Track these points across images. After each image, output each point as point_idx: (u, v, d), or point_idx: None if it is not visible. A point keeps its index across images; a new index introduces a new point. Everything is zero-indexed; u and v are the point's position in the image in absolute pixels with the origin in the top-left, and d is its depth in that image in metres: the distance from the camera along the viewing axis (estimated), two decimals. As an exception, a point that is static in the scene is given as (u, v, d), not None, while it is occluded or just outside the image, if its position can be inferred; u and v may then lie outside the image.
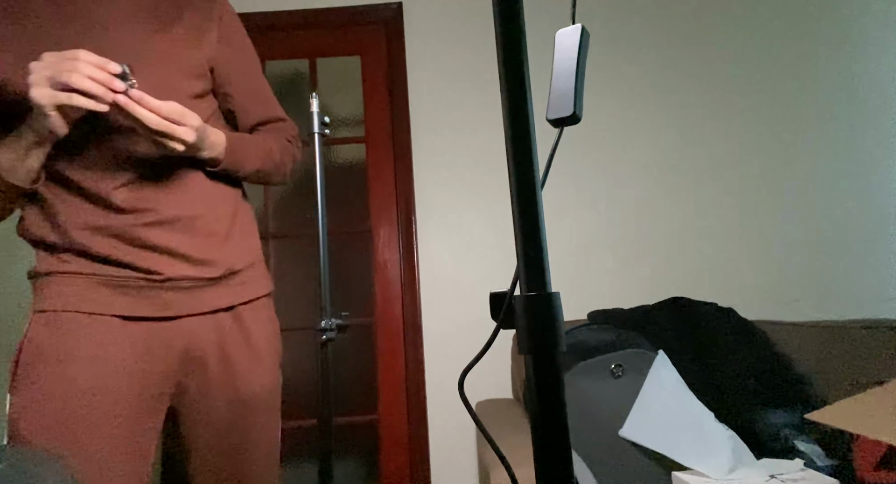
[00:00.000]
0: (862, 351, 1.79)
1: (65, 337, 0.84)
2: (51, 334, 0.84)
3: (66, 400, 0.82)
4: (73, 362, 0.83)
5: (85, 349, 0.84)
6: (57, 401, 0.81)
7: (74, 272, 0.88)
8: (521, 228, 0.47)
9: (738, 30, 2.20)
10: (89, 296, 0.87)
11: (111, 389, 0.85)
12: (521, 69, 0.48)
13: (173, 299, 0.92)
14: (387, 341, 2.10)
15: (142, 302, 0.89)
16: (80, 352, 0.84)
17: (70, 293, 0.87)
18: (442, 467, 2.00)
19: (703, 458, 1.32)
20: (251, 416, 0.99)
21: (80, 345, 0.84)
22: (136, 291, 0.89)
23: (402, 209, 2.12)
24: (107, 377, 0.85)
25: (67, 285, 0.87)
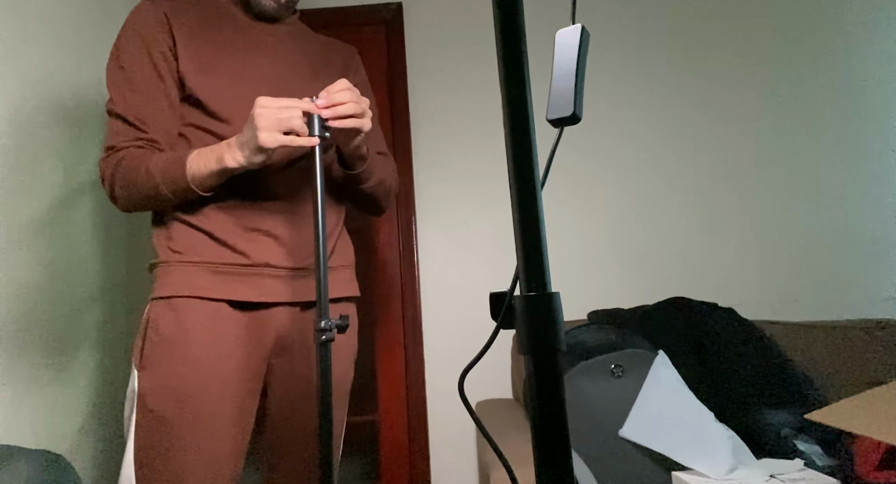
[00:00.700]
0: (862, 351, 1.79)
1: (183, 321, 0.95)
2: (171, 318, 0.96)
3: (186, 379, 0.93)
4: (191, 345, 0.95)
5: (200, 333, 0.95)
6: (178, 379, 0.93)
7: (187, 261, 0.99)
8: (521, 228, 0.47)
9: (740, 29, 2.20)
10: (200, 283, 0.98)
11: (222, 370, 0.96)
12: (521, 69, 0.48)
13: (271, 286, 1.02)
14: (387, 341, 2.10)
15: (244, 287, 1.00)
16: (195, 335, 0.95)
17: (183, 281, 0.97)
18: (442, 467, 2.00)
19: (703, 458, 1.32)
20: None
21: (196, 329, 0.95)
22: (239, 277, 1.00)
23: (402, 209, 2.12)
24: (218, 359, 0.96)
25: (182, 273, 0.98)
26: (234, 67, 1.06)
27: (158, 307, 0.97)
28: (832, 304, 2.07)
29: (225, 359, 0.97)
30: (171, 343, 0.94)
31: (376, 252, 2.14)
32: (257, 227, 1.03)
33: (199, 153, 0.96)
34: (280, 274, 1.04)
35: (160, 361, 0.94)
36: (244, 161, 0.93)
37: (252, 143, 0.90)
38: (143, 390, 0.93)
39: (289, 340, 1.06)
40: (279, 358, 1.06)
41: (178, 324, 0.95)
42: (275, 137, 0.89)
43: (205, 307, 0.97)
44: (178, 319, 0.95)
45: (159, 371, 0.93)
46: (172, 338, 0.94)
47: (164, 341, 0.95)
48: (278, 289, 1.03)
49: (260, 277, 1.02)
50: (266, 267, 1.02)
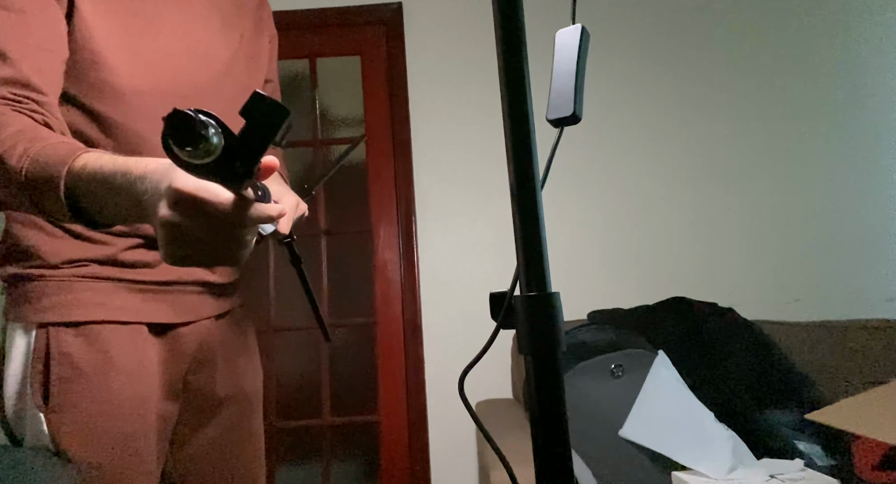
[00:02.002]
0: (862, 351, 1.79)
1: (104, 349, 0.80)
2: (87, 348, 0.79)
3: (113, 416, 0.80)
4: (115, 375, 0.80)
5: (124, 360, 0.81)
6: (105, 417, 0.79)
7: (98, 276, 0.81)
8: (521, 228, 0.47)
9: (740, 29, 2.20)
10: (120, 304, 0.82)
11: (147, 399, 0.84)
12: (521, 69, 0.48)
13: (189, 303, 0.91)
14: (387, 341, 2.10)
15: (166, 308, 0.87)
16: (120, 364, 0.81)
17: (100, 302, 0.81)
18: (442, 467, 2.00)
19: (703, 458, 1.32)
20: (252, 414, 1.01)
21: (120, 356, 0.81)
22: (161, 296, 0.87)
23: (402, 209, 2.12)
24: (143, 387, 0.83)
25: (95, 292, 0.81)
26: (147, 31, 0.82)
27: (64, 335, 0.78)
28: (832, 304, 2.06)
29: (150, 388, 0.84)
30: (91, 378, 0.78)
31: (376, 252, 2.14)
32: None
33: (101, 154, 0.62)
34: (198, 289, 0.92)
35: (80, 401, 0.78)
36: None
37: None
38: (62, 436, 0.77)
39: (209, 353, 0.95)
40: (196, 374, 0.94)
41: (99, 355, 0.79)
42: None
43: (127, 333, 0.82)
44: (99, 350, 0.79)
45: (81, 412, 0.78)
46: (93, 372, 0.78)
47: (81, 376, 0.78)
48: (198, 305, 0.92)
49: (179, 294, 0.89)
50: (186, 284, 0.89)
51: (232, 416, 0.97)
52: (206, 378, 0.95)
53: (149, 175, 0.54)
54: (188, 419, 0.94)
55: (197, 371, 0.94)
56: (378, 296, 2.12)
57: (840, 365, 1.77)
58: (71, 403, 0.78)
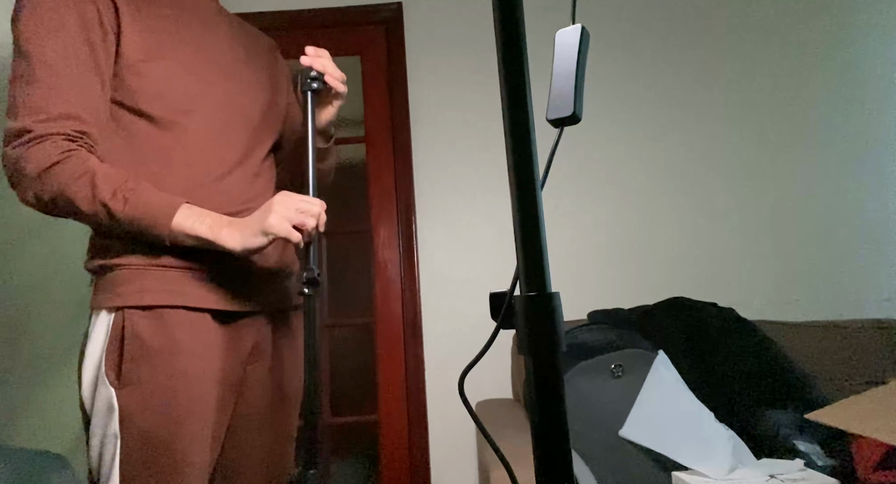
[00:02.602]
0: (862, 351, 1.79)
1: (171, 331, 0.88)
2: (157, 329, 0.88)
3: (178, 393, 0.87)
4: (180, 356, 0.88)
5: (189, 342, 0.89)
6: (172, 395, 0.87)
7: (168, 266, 0.91)
8: (521, 228, 0.47)
9: (741, 30, 2.20)
10: (188, 291, 0.91)
11: (208, 381, 0.91)
12: (521, 69, 0.48)
13: (251, 294, 0.98)
14: (387, 341, 2.10)
15: (228, 296, 0.95)
16: (185, 345, 0.89)
17: (169, 289, 0.90)
18: (442, 467, 2.00)
19: (703, 458, 1.32)
20: (291, 412, 1.09)
21: (185, 338, 0.89)
22: (223, 285, 0.95)
23: (402, 209, 2.12)
24: (205, 369, 0.91)
25: (165, 280, 0.90)
26: (181, 46, 0.97)
27: (138, 318, 0.88)
28: (832, 304, 2.07)
29: (211, 370, 0.92)
30: (159, 357, 0.87)
31: (376, 252, 2.14)
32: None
33: (192, 210, 0.88)
34: (261, 280, 1.00)
35: (148, 377, 0.86)
36: (240, 244, 0.87)
37: (257, 225, 0.87)
38: (130, 410, 0.85)
39: (263, 346, 1.03)
40: (252, 366, 1.02)
41: (166, 336, 0.88)
42: (285, 226, 0.87)
43: (192, 318, 0.91)
44: (166, 332, 0.88)
45: (149, 388, 0.86)
46: (161, 351, 0.87)
47: (151, 355, 0.87)
48: (259, 296, 1.00)
49: (243, 284, 0.97)
50: (250, 274, 0.98)
51: (273, 412, 1.04)
52: (260, 371, 1.03)
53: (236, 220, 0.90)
54: (241, 409, 1.01)
55: (252, 362, 1.02)
56: (378, 296, 2.12)
57: (840, 365, 1.78)
58: (140, 380, 0.86)
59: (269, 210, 0.87)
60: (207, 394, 0.90)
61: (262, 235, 0.87)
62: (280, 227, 0.86)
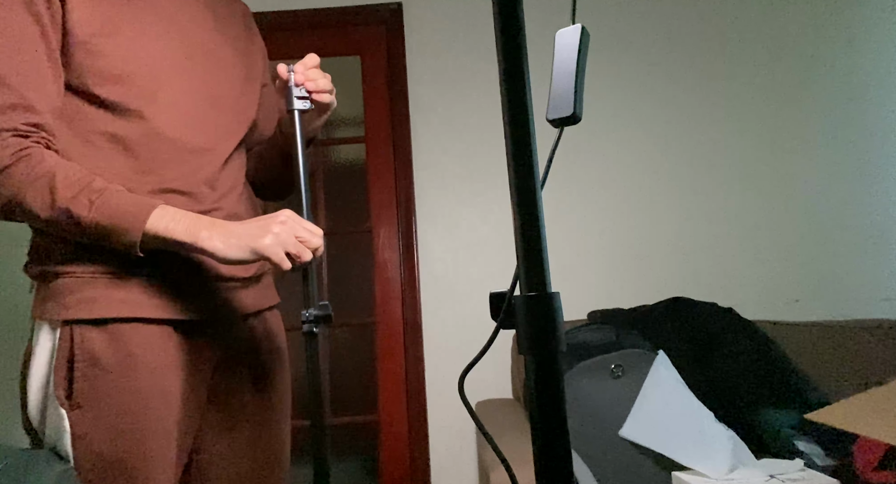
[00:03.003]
0: (862, 351, 1.79)
1: (128, 347, 0.80)
2: (111, 345, 0.79)
3: (138, 413, 0.80)
4: (139, 373, 0.80)
5: (149, 358, 0.81)
6: (129, 415, 0.79)
7: (116, 273, 0.81)
8: (521, 228, 0.47)
9: (741, 29, 2.19)
10: (144, 301, 0.82)
11: (170, 396, 0.83)
12: (521, 69, 0.48)
13: (218, 300, 0.90)
14: (387, 341, 2.10)
15: (189, 305, 0.86)
16: (144, 362, 0.81)
17: (123, 299, 0.81)
18: (442, 467, 2.00)
19: (703, 458, 1.32)
20: (279, 420, 1.00)
21: (144, 354, 0.81)
22: (184, 293, 0.86)
23: (402, 209, 2.12)
24: (167, 385, 0.83)
25: (119, 289, 0.81)
26: (139, 19, 0.85)
27: (88, 332, 0.79)
28: (832, 304, 2.06)
29: (173, 386, 0.84)
30: (115, 376, 0.79)
31: (376, 252, 2.14)
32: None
33: (166, 211, 0.77)
34: (228, 285, 0.91)
35: (104, 398, 0.78)
36: (221, 251, 0.77)
37: (248, 241, 0.78)
38: (84, 431, 0.77)
39: (233, 354, 0.94)
40: (222, 375, 0.94)
41: (122, 353, 0.79)
42: (279, 252, 0.78)
43: (152, 331, 0.82)
44: (123, 348, 0.80)
45: (105, 410, 0.78)
46: (117, 369, 0.79)
47: (105, 374, 0.78)
48: (227, 302, 0.91)
49: (208, 290, 0.89)
50: (215, 280, 0.89)
51: (257, 420, 0.96)
52: (232, 380, 0.94)
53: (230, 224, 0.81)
54: (214, 422, 0.94)
55: (222, 372, 0.93)
56: (378, 296, 2.12)
57: (840, 365, 1.78)
58: (95, 401, 0.78)
59: (268, 230, 0.78)
60: (168, 411, 0.83)
61: (249, 253, 0.78)
62: (274, 251, 0.78)
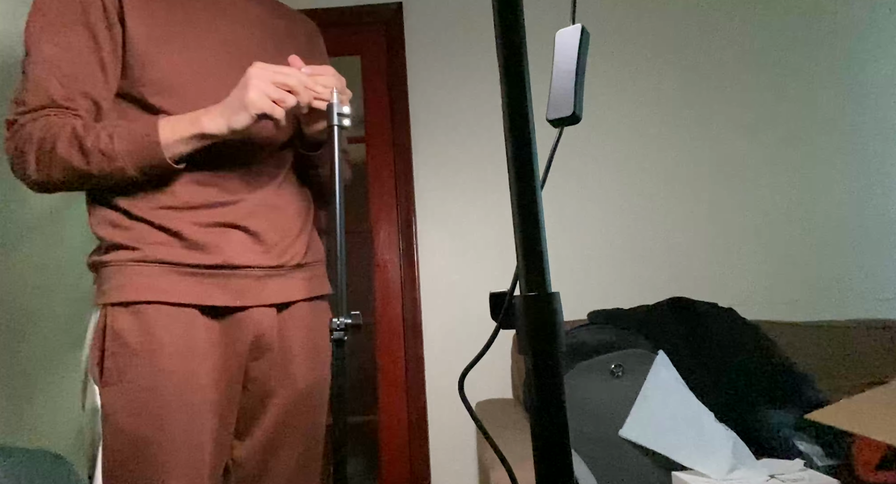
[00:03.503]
0: (862, 351, 1.79)
1: (151, 328, 0.85)
2: (136, 326, 0.85)
3: (162, 393, 0.84)
4: (163, 355, 0.85)
5: (171, 340, 0.86)
6: (153, 394, 0.84)
7: (149, 261, 0.88)
8: (521, 228, 0.47)
9: (742, 29, 2.19)
10: (167, 286, 0.87)
11: (199, 380, 0.87)
12: (521, 69, 0.48)
13: (245, 288, 0.93)
14: (387, 341, 2.10)
15: (216, 290, 0.90)
16: (166, 342, 0.86)
17: (146, 284, 0.87)
18: (442, 467, 2.00)
19: (703, 458, 1.32)
20: (305, 413, 1.01)
21: (166, 335, 0.86)
22: (210, 279, 0.90)
23: (402, 209, 2.12)
24: (194, 367, 0.87)
25: (142, 275, 0.87)
26: (192, 35, 0.93)
27: (118, 314, 0.86)
28: (832, 304, 2.07)
29: (200, 368, 0.88)
30: (139, 355, 0.84)
31: (376, 252, 2.14)
32: (227, 221, 0.92)
33: (167, 121, 0.86)
34: (256, 274, 0.94)
35: (129, 376, 0.84)
36: (224, 124, 0.84)
37: (237, 103, 0.84)
38: (111, 409, 0.83)
39: (266, 341, 0.97)
40: (256, 361, 0.97)
41: (146, 333, 0.85)
42: (266, 101, 0.83)
43: (175, 314, 0.87)
44: (146, 328, 0.85)
45: (130, 386, 0.84)
46: (141, 349, 0.85)
47: (131, 353, 0.84)
48: (255, 290, 0.94)
49: (234, 278, 0.92)
50: (241, 268, 0.93)
51: (285, 410, 0.99)
52: (264, 367, 0.97)
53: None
54: (249, 406, 0.97)
55: (256, 358, 0.97)
56: (378, 296, 2.12)
57: (840, 365, 1.78)
58: (120, 377, 0.84)
59: (246, 86, 0.84)
60: (197, 394, 0.87)
61: (244, 112, 0.83)
62: (261, 102, 0.83)
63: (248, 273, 0.93)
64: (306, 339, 1.02)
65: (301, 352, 1.01)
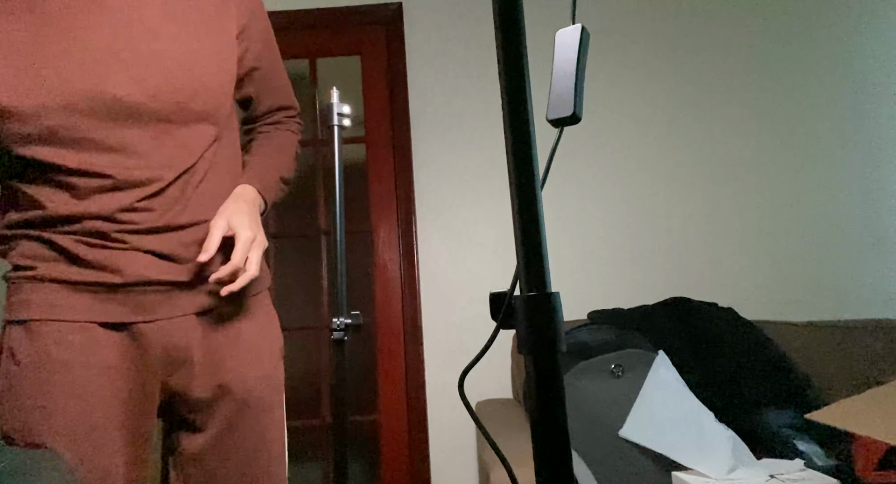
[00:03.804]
0: (862, 351, 1.79)
1: (43, 344, 0.81)
2: (29, 345, 0.81)
3: (51, 410, 0.79)
4: (53, 369, 0.80)
5: (64, 355, 0.81)
6: (40, 411, 0.79)
7: (41, 278, 0.83)
8: (521, 228, 0.47)
9: (742, 30, 2.20)
10: (64, 302, 0.83)
11: (98, 393, 0.82)
12: (521, 69, 0.48)
13: (149, 302, 0.87)
14: (387, 341, 2.10)
15: (116, 307, 0.85)
16: (58, 360, 0.81)
17: (40, 301, 0.83)
18: (442, 467, 2.00)
19: (703, 458, 1.32)
20: (251, 416, 0.94)
21: (61, 352, 0.81)
22: (109, 295, 0.85)
23: (402, 209, 2.12)
24: (90, 381, 0.82)
25: (37, 292, 0.83)
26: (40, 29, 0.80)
27: (14, 332, 0.82)
28: (832, 304, 2.07)
29: (102, 383, 0.82)
30: (31, 373, 0.80)
31: (376, 252, 2.14)
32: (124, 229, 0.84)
33: None
34: (162, 289, 0.87)
35: (19, 396, 0.79)
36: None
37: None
38: (4, 425, 0.80)
39: (180, 353, 0.90)
40: (172, 376, 0.90)
41: (39, 351, 0.80)
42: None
43: (70, 330, 0.82)
44: (39, 346, 0.81)
45: (18, 404, 0.79)
46: (33, 367, 0.80)
47: (22, 372, 0.80)
48: (161, 304, 0.87)
49: (136, 294, 0.85)
50: (145, 285, 0.86)
51: (228, 417, 0.92)
52: (186, 379, 0.90)
53: None
54: (180, 423, 0.92)
55: (174, 372, 0.90)
56: (378, 296, 2.12)
57: (840, 365, 1.78)
58: (10, 395, 0.81)
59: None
60: (92, 410, 0.81)
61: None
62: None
63: (152, 289, 0.87)
64: (237, 339, 0.94)
65: (234, 354, 0.94)
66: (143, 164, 0.85)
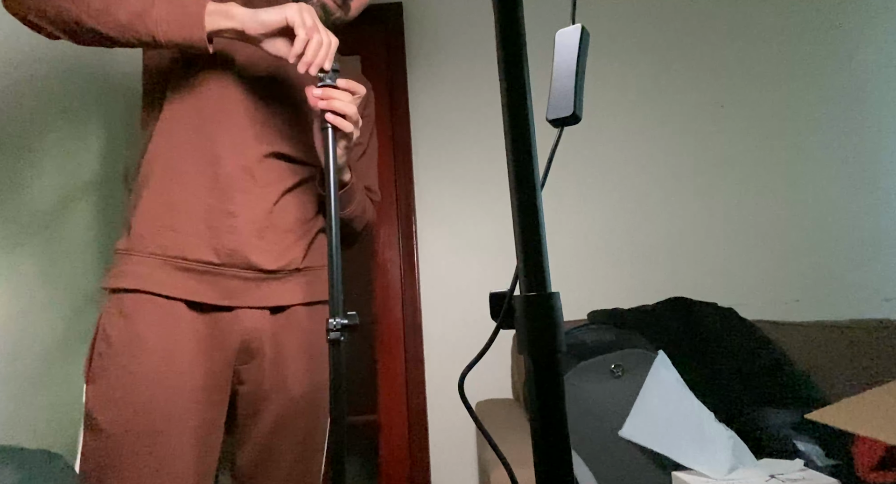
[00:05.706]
0: (862, 351, 1.79)
1: (134, 327, 0.86)
2: (121, 326, 0.86)
3: (139, 392, 0.84)
4: (144, 354, 0.85)
5: (153, 339, 0.86)
6: (130, 392, 0.84)
7: (149, 252, 0.89)
8: (521, 228, 0.47)
9: (742, 30, 2.19)
10: (158, 277, 0.88)
11: (180, 381, 0.87)
12: (521, 69, 0.48)
13: (235, 289, 0.93)
14: (387, 341, 2.10)
15: (207, 288, 0.91)
16: (148, 342, 0.86)
17: (139, 273, 0.88)
18: (442, 467, 2.00)
19: (703, 458, 1.32)
20: (301, 417, 0.99)
21: (149, 335, 0.86)
22: (200, 275, 0.90)
23: (402, 209, 2.12)
24: (176, 369, 0.87)
25: (138, 264, 0.89)
26: None
27: (109, 309, 0.88)
28: (832, 304, 2.06)
29: (183, 368, 0.87)
30: (121, 354, 0.85)
31: (376, 252, 2.14)
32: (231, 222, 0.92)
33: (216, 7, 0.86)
34: (249, 276, 0.94)
35: (109, 374, 0.84)
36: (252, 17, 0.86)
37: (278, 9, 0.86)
38: (91, 407, 0.84)
39: (256, 345, 0.96)
40: (246, 365, 0.96)
41: (128, 331, 0.86)
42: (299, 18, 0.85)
43: (158, 307, 0.88)
44: (129, 326, 0.86)
45: (108, 384, 0.84)
46: (123, 348, 0.85)
47: (113, 352, 0.85)
48: (245, 292, 0.93)
49: (225, 278, 0.92)
50: (235, 267, 0.92)
51: (280, 415, 0.97)
52: (254, 371, 0.96)
53: None
54: (244, 410, 0.97)
55: (246, 361, 0.96)
56: (378, 296, 2.12)
57: (840, 365, 1.77)
58: (100, 376, 0.85)
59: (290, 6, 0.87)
60: (180, 395, 0.86)
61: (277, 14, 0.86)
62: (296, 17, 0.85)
63: (238, 274, 0.93)
64: (302, 343, 1.00)
65: (297, 356, 0.99)
66: None
